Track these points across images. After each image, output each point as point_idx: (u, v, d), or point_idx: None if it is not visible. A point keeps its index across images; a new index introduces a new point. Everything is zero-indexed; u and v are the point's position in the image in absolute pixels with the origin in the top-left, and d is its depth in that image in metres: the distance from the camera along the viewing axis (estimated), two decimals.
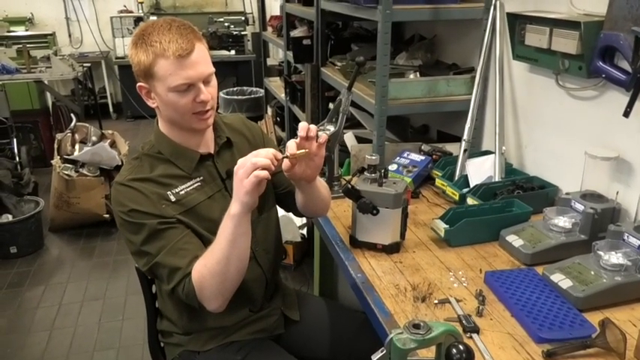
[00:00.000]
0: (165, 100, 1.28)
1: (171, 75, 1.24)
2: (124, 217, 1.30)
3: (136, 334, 2.63)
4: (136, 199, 1.29)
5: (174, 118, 1.33)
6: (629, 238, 1.36)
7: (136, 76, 1.30)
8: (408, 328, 0.94)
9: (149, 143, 1.39)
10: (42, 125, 4.83)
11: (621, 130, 1.59)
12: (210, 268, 1.22)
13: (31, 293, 3.01)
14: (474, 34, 2.25)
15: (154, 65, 1.24)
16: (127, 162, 1.41)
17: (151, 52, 1.23)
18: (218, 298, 1.26)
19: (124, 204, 1.29)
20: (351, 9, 2.31)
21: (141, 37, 1.26)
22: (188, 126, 1.34)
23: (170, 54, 1.22)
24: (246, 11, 6.69)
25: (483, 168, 1.95)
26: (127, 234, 1.31)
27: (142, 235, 1.28)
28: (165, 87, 1.25)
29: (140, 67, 1.26)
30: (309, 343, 1.57)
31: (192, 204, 1.34)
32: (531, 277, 1.41)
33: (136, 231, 1.29)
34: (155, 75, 1.25)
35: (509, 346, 1.18)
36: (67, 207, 3.57)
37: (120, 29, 6.13)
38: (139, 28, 1.32)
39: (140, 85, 1.31)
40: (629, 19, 1.47)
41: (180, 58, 1.23)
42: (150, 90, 1.30)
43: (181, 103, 1.27)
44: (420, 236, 1.69)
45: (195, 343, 1.43)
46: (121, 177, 1.33)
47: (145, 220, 1.28)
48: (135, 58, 1.27)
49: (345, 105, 1.91)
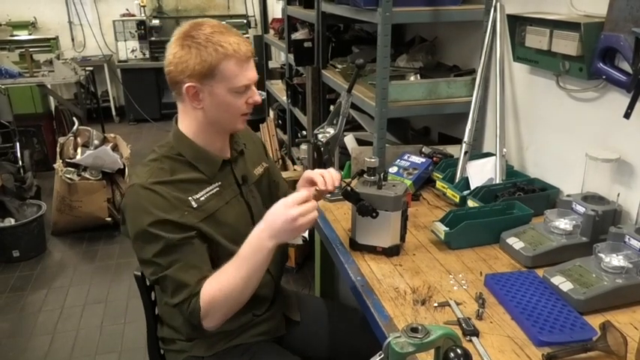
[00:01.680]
0: (221, 100, 1.29)
1: (237, 76, 1.27)
2: (144, 225, 1.25)
3: (138, 337, 2.63)
4: (161, 205, 1.26)
5: (220, 119, 1.33)
6: (631, 241, 1.35)
7: (185, 76, 1.27)
8: (406, 332, 0.94)
9: (167, 145, 1.37)
10: (45, 129, 4.84)
11: (622, 132, 1.58)
12: (225, 293, 1.24)
13: (34, 297, 3.02)
14: (475, 35, 2.25)
15: (218, 65, 1.25)
16: (143, 163, 1.36)
17: (220, 52, 1.24)
18: (222, 319, 1.28)
19: (148, 211, 1.25)
20: (351, 11, 2.31)
21: (197, 37, 1.25)
22: (231, 127, 1.37)
23: (241, 55, 1.27)
24: (248, 14, 6.71)
25: (484, 170, 1.95)
26: (140, 242, 1.27)
27: (156, 247, 1.25)
28: (227, 87, 1.27)
29: (199, 67, 1.25)
30: (309, 342, 1.57)
31: (212, 210, 1.34)
32: (532, 279, 1.40)
33: (152, 241, 1.26)
34: (217, 75, 1.26)
35: (509, 350, 1.17)
36: (70, 210, 3.58)
37: (122, 33, 6.15)
38: (184, 29, 1.29)
39: (190, 85, 1.27)
40: (630, 20, 1.46)
41: (247, 60, 1.28)
42: (199, 91, 1.28)
43: (237, 104, 1.31)
44: (421, 239, 1.68)
45: (198, 349, 1.42)
46: (141, 179, 1.29)
47: (166, 233, 1.25)
48: (191, 58, 1.25)
49: (345, 107, 1.91)
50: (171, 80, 1.31)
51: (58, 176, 3.53)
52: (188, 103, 1.32)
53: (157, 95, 6.45)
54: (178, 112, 1.39)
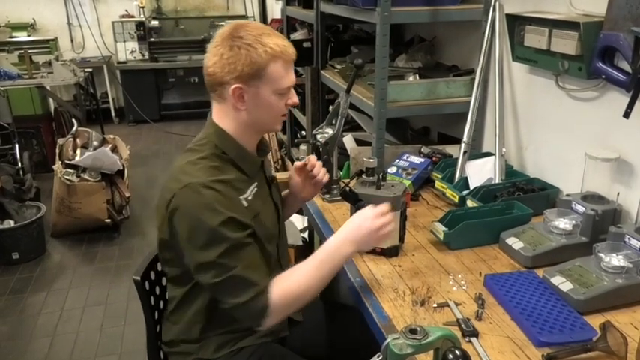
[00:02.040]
0: (265, 101, 1.30)
1: (283, 77, 1.29)
2: (213, 224, 1.21)
3: (138, 339, 2.62)
4: (225, 203, 1.24)
5: (261, 120, 1.34)
6: (630, 240, 1.35)
7: (232, 77, 1.26)
8: (405, 333, 0.93)
9: (208, 143, 1.34)
10: (44, 131, 4.83)
11: (622, 131, 1.58)
12: (301, 290, 1.27)
13: (33, 299, 3.01)
14: (474, 35, 2.25)
15: (267, 67, 1.26)
16: (190, 162, 1.29)
17: (269, 53, 1.25)
18: (283, 317, 1.31)
19: (216, 210, 1.22)
20: (349, 11, 2.31)
21: (245, 39, 1.25)
22: (270, 128, 1.40)
23: (287, 56, 1.29)
24: (247, 14, 6.71)
25: (483, 170, 1.94)
26: (203, 243, 1.22)
27: (222, 247, 1.22)
28: (273, 89, 1.29)
29: (247, 68, 1.25)
30: (309, 342, 1.57)
31: (258, 210, 1.35)
32: (531, 279, 1.40)
33: (218, 241, 1.22)
34: (264, 76, 1.26)
35: (508, 350, 1.17)
36: (69, 212, 3.58)
37: (122, 34, 6.15)
38: (228, 30, 1.28)
39: (236, 87, 1.27)
40: (629, 19, 1.46)
41: (291, 62, 1.31)
42: (244, 92, 1.28)
43: (279, 105, 1.32)
44: (420, 239, 1.68)
45: (205, 351, 1.41)
46: (199, 177, 1.25)
47: (232, 232, 1.23)
48: (240, 59, 1.24)
49: (343, 108, 1.91)
50: (214, 81, 1.30)
51: (57, 178, 3.52)
52: (230, 103, 1.31)
53: (157, 96, 6.45)
54: (214, 110, 1.37)
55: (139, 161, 5.10)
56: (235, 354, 1.41)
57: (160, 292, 1.58)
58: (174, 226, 1.27)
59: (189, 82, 6.35)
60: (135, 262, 3.35)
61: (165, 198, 1.27)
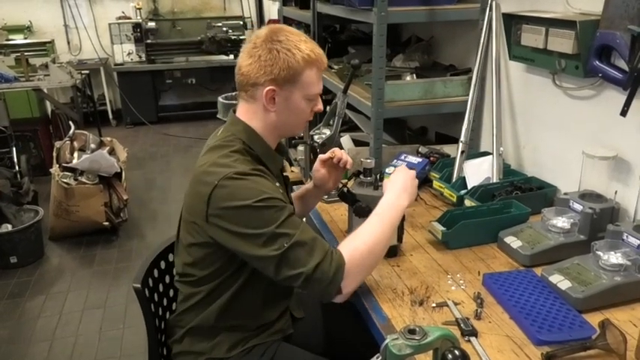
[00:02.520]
0: (295, 105, 1.33)
1: (314, 84, 1.33)
2: (262, 196, 1.21)
3: (138, 342, 2.61)
4: (271, 186, 1.26)
5: (288, 123, 1.37)
6: (629, 238, 1.35)
7: (267, 79, 1.28)
8: (404, 334, 0.93)
9: (235, 140, 1.33)
10: (41, 133, 4.82)
11: (619, 130, 1.58)
12: (369, 246, 1.27)
13: (32, 303, 3.00)
14: (471, 35, 2.25)
15: (303, 72, 1.29)
16: (223, 154, 1.29)
17: (306, 60, 1.29)
18: (358, 281, 1.28)
19: (261, 189, 1.22)
20: (346, 12, 2.31)
21: (285, 43, 1.28)
22: (293, 131, 1.45)
23: (322, 64, 1.33)
24: (244, 15, 6.70)
25: (481, 169, 1.94)
26: (257, 221, 1.21)
27: (281, 217, 1.22)
28: (304, 94, 1.32)
29: (284, 72, 1.27)
30: (308, 338, 1.57)
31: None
32: (530, 278, 1.40)
33: (273, 214, 1.22)
34: (299, 81, 1.30)
35: (508, 349, 1.17)
36: (67, 215, 3.57)
37: (118, 36, 6.13)
38: (267, 33, 1.30)
39: (270, 88, 1.29)
40: (626, 18, 1.46)
41: (324, 70, 1.36)
42: (276, 95, 1.30)
43: (307, 110, 1.36)
44: (418, 239, 1.68)
45: (218, 351, 1.41)
46: (233, 169, 1.24)
47: (284, 204, 1.25)
48: (278, 63, 1.27)
49: (340, 108, 1.91)
50: (247, 81, 1.31)
51: (54, 181, 3.51)
52: (260, 104, 1.33)
53: (154, 98, 6.44)
54: (242, 109, 1.38)
55: (136, 163, 5.09)
56: (247, 353, 1.41)
57: (158, 298, 1.56)
58: (221, 217, 1.24)
59: (186, 83, 6.34)
60: (134, 264, 3.34)
61: (204, 193, 1.24)
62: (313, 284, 1.22)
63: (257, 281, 1.36)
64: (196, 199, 1.28)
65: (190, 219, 1.33)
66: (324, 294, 1.24)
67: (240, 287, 1.36)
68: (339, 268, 1.22)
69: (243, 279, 1.35)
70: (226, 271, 1.34)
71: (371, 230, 1.30)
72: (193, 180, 1.32)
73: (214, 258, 1.33)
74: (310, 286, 1.22)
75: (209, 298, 1.38)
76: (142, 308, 1.46)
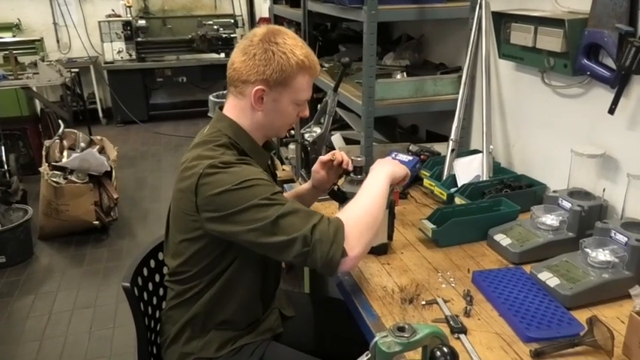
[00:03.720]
0: (282, 108, 1.34)
1: (304, 90, 1.34)
2: (243, 185, 1.21)
3: (128, 341, 2.60)
4: (253, 170, 1.26)
5: (273, 125, 1.37)
6: (616, 235, 1.36)
7: (258, 79, 1.28)
8: (393, 331, 0.93)
9: (222, 136, 1.33)
10: (31, 132, 4.78)
11: (607, 127, 1.59)
12: (361, 208, 1.28)
13: (21, 303, 2.98)
14: (461, 33, 2.25)
15: (295, 77, 1.30)
16: (209, 148, 1.29)
17: (300, 66, 1.29)
18: (362, 242, 1.23)
19: (243, 174, 1.22)
20: (337, 10, 2.31)
21: (282, 46, 1.28)
22: (277, 133, 1.44)
23: (315, 72, 1.35)
24: (235, 13, 6.67)
25: (471, 167, 1.95)
26: (245, 200, 1.20)
27: (268, 191, 1.22)
28: (292, 98, 1.33)
29: (276, 75, 1.28)
30: (299, 337, 1.58)
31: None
32: (519, 276, 1.41)
33: (260, 189, 1.22)
34: (289, 85, 1.30)
35: (497, 346, 1.17)
36: (57, 214, 3.54)
37: (108, 34, 6.08)
38: (264, 33, 1.30)
39: (259, 88, 1.29)
40: (613, 16, 1.47)
41: (316, 77, 1.37)
42: (265, 95, 1.30)
43: (293, 115, 1.37)
44: (409, 237, 1.68)
45: (207, 350, 1.40)
46: (220, 159, 1.24)
47: (268, 182, 1.26)
48: (272, 64, 1.27)
49: (331, 106, 1.91)
50: (238, 78, 1.31)
51: (44, 180, 3.48)
52: (248, 101, 1.33)
53: (145, 96, 6.40)
54: (229, 105, 1.38)
55: (127, 162, 5.06)
56: (236, 352, 1.41)
57: (148, 297, 1.56)
58: (210, 205, 1.23)
59: (177, 82, 6.31)
60: (124, 263, 3.32)
61: (191, 183, 1.24)
62: (315, 248, 1.18)
63: (246, 276, 1.37)
64: (184, 192, 1.28)
65: (180, 213, 1.32)
66: (330, 259, 1.19)
67: (230, 282, 1.36)
68: (339, 228, 1.21)
69: (233, 274, 1.36)
70: (216, 267, 1.35)
71: (360, 196, 1.32)
72: (179, 175, 1.31)
73: (205, 253, 1.33)
74: (312, 252, 1.19)
75: (199, 293, 1.38)
76: (131, 307, 1.45)
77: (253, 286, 1.40)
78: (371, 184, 1.36)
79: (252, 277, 1.39)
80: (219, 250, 1.32)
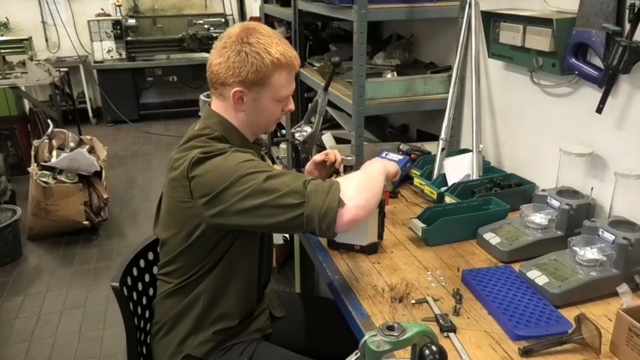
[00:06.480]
0: (264, 106, 1.33)
1: (284, 87, 1.33)
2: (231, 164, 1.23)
3: (118, 342, 2.59)
4: (243, 155, 1.27)
5: (257, 123, 1.37)
6: (604, 234, 1.37)
7: (236, 81, 1.28)
8: (382, 330, 0.93)
9: (211, 133, 1.33)
10: (19, 132, 4.74)
11: (595, 127, 1.60)
12: (357, 173, 1.35)
13: (10, 304, 2.95)
14: (451, 32, 2.26)
15: (271, 76, 1.29)
16: (201, 140, 1.30)
17: (276, 64, 1.28)
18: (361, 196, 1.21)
19: (233, 157, 1.24)
20: (327, 9, 2.31)
21: (254, 46, 1.26)
22: (264, 130, 1.43)
23: (293, 67, 1.32)
24: (226, 13, 6.65)
25: (461, 166, 1.96)
26: (234, 173, 1.21)
27: (259, 165, 1.25)
28: (273, 96, 1.32)
29: (252, 75, 1.27)
30: (289, 337, 1.58)
31: None
32: (508, 274, 1.41)
33: (249, 163, 1.24)
34: (267, 84, 1.30)
35: (486, 345, 1.18)
36: (46, 215, 3.51)
37: (98, 33, 6.04)
38: (238, 33, 1.29)
39: (237, 90, 1.29)
40: (601, 16, 1.48)
41: (295, 72, 1.34)
42: (244, 96, 1.30)
43: (276, 111, 1.36)
44: (399, 236, 1.68)
45: (197, 349, 1.40)
46: (214, 150, 1.26)
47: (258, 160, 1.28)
48: (246, 66, 1.26)
49: (321, 106, 1.91)
50: (217, 80, 1.31)
51: (33, 180, 3.46)
52: (229, 103, 1.33)
53: (135, 96, 6.37)
54: (215, 104, 1.38)
55: (117, 162, 5.03)
56: (226, 352, 1.41)
57: (137, 297, 1.55)
58: (202, 188, 1.23)
59: (167, 81, 6.28)
60: (114, 263, 3.31)
61: (183, 168, 1.25)
62: (310, 199, 1.17)
63: (237, 269, 1.37)
64: (178, 180, 1.28)
65: (174, 203, 1.32)
66: (327, 208, 1.17)
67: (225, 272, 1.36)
68: (333, 183, 1.22)
69: (224, 268, 1.36)
70: (208, 263, 1.35)
71: (355, 176, 1.35)
72: (171, 166, 1.32)
73: (197, 247, 1.32)
74: (308, 204, 1.17)
75: (188, 288, 1.38)
76: (121, 307, 1.45)
77: (248, 277, 1.41)
78: (365, 168, 1.40)
79: (247, 268, 1.40)
80: (210, 245, 1.32)
